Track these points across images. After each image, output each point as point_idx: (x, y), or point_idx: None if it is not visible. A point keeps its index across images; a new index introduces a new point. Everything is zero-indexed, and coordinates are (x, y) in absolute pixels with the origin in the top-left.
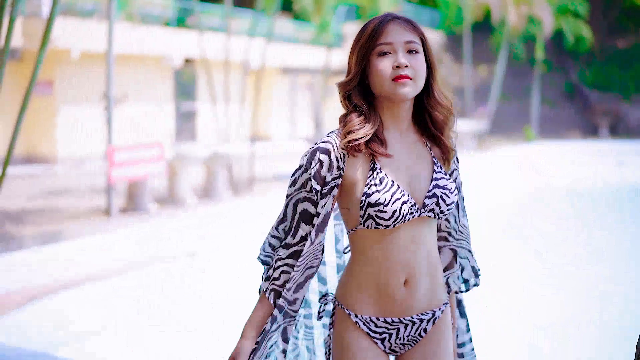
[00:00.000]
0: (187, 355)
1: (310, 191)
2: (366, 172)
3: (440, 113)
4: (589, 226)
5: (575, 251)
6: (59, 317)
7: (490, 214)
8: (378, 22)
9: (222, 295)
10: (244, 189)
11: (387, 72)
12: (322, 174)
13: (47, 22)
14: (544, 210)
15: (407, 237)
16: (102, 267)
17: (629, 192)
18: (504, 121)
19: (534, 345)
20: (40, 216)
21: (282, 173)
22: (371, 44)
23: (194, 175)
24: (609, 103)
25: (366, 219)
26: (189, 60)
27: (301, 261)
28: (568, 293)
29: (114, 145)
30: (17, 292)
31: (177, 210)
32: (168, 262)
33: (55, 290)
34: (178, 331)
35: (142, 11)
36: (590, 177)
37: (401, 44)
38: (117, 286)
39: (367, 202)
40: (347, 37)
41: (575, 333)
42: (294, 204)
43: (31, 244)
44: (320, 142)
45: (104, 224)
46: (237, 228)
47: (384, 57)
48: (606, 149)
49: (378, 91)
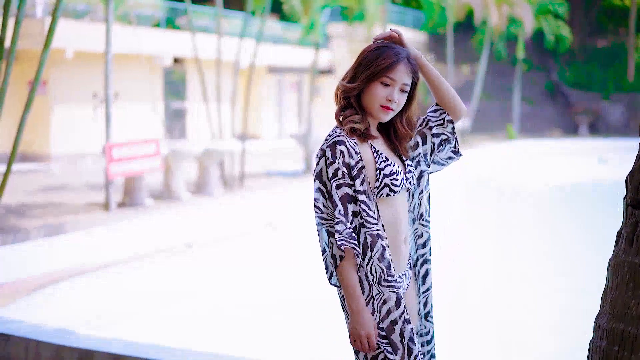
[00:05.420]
0: (185, 341)
1: (342, 177)
2: (372, 154)
3: (402, 130)
4: (568, 221)
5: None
6: (66, 304)
7: (471, 208)
8: (395, 59)
9: (220, 283)
10: (235, 185)
11: (380, 99)
12: (347, 160)
13: (50, 23)
14: (526, 207)
15: (402, 204)
16: (104, 257)
17: (611, 187)
18: (486, 119)
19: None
20: (42, 210)
21: (271, 169)
22: (381, 72)
23: (188, 171)
24: (589, 102)
25: (382, 188)
26: (178, 60)
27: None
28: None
29: (112, 142)
30: (26, 280)
31: (173, 205)
32: (167, 253)
33: (61, 279)
34: (177, 318)
35: (133, 12)
36: (573, 174)
37: (400, 84)
38: (120, 275)
39: (383, 173)
40: (333, 38)
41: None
42: (336, 192)
43: (36, 236)
44: (334, 137)
45: (104, 218)
46: (230, 221)
47: (384, 87)
48: (587, 147)
49: (366, 104)
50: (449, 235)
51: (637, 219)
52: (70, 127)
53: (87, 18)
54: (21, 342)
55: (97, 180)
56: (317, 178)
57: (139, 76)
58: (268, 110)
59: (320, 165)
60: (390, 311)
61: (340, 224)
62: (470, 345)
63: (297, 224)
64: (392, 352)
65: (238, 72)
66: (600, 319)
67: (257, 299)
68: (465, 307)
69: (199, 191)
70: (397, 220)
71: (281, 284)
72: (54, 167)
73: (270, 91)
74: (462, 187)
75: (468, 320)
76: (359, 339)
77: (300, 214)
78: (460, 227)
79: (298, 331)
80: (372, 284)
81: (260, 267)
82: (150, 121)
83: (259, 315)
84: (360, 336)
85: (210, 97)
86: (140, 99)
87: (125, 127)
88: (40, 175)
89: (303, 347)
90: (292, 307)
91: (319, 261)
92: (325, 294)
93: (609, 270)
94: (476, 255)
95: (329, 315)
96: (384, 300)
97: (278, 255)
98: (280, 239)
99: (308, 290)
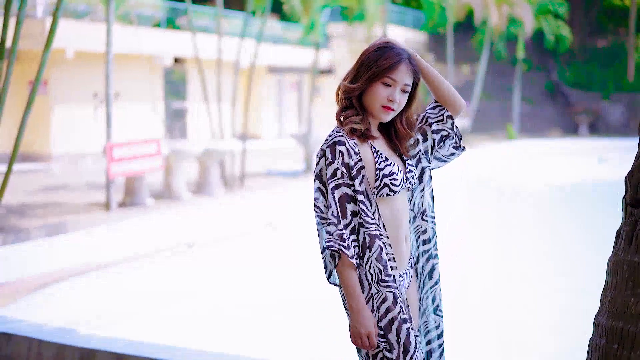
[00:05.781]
0: (185, 341)
1: (341, 177)
2: (371, 154)
3: (402, 130)
4: (568, 221)
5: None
6: (66, 304)
7: (471, 208)
8: (396, 60)
9: (220, 283)
10: (236, 185)
11: (382, 99)
12: (346, 160)
13: (51, 24)
14: (526, 207)
15: (403, 203)
16: (105, 257)
17: (611, 187)
18: (486, 119)
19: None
20: (42, 210)
21: (271, 169)
22: (382, 73)
23: (188, 170)
24: (589, 102)
25: (381, 188)
26: (178, 60)
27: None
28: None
29: (113, 142)
30: (26, 280)
31: (173, 204)
32: (168, 253)
33: (61, 279)
34: (177, 318)
35: (134, 12)
36: (573, 174)
37: (401, 84)
38: (120, 275)
39: (382, 174)
40: (333, 38)
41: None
42: (332, 192)
43: (37, 236)
44: (334, 138)
45: (104, 217)
46: (230, 221)
47: (386, 88)
48: (587, 147)
49: (367, 104)
50: (448, 235)
51: (636, 218)
52: (70, 127)
53: (88, 18)
54: (23, 341)
55: (97, 180)
56: (317, 178)
57: (139, 76)
58: (268, 110)
59: (320, 165)
60: (389, 310)
61: (331, 226)
62: (470, 345)
63: (297, 224)
64: (389, 350)
65: (238, 72)
66: (599, 317)
67: (257, 299)
68: (465, 307)
69: (199, 191)
70: (398, 219)
71: (281, 284)
72: (54, 167)
73: (271, 91)
74: (462, 187)
75: (468, 320)
76: (360, 337)
77: (300, 214)
78: (460, 227)
79: (298, 331)
80: (371, 283)
81: (260, 267)
82: (151, 121)
83: (259, 315)
84: (360, 334)
85: (210, 97)
86: (141, 99)
87: (125, 127)
88: (40, 175)
89: (303, 347)
90: (292, 307)
91: (319, 261)
92: (325, 294)
93: (608, 268)
94: (476, 255)
95: (329, 315)
96: (383, 299)
97: (278, 255)
98: (280, 239)
99: (308, 290)
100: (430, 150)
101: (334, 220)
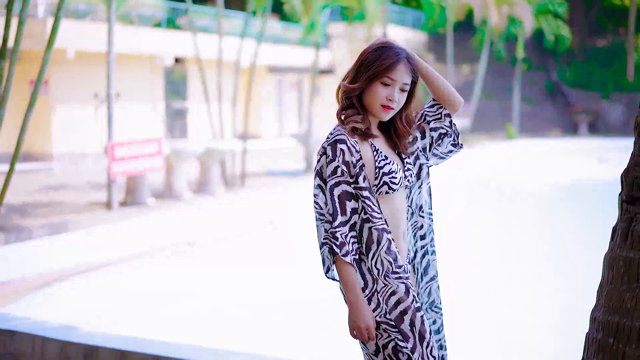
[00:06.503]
0: (188, 338)
1: (342, 175)
2: (371, 152)
3: (402, 128)
4: (568, 221)
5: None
6: (66, 304)
7: (471, 208)
8: (395, 60)
9: (220, 282)
10: (236, 184)
11: (381, 98)
12: (347, 158)
13: (53, 24)
14: (526, 207)
15: (401, 201)
16: (106, 256)
17: (611, 186)
18: (486, 119)
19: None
20: (44, 210)
21: (272, 169)
22: (381, 72)
23: (188, 170)
24: (589, 101)
25: (381, 186)
26: (179, 60)
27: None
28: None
29: (114, 142)
30: (27, 279)
31: (174, 204)
32: (169, 252)
33: (62, 278)
34: (177, 317)
35: (134, 12)
36: (573, 174)
37: (400, 84)
38: (121, 274)
39: (382, 172)
40: (333, 38)
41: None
42: (331, 190)
43: (38, 235)
44: (335, 136)
45: (106, 217)
46: (231, 220)
47: (385, 87)
48: (586, 147)
49: (367, 104)
50: (448, 235)
51: (631, 215)
52: (71, 127)
53: (89, 18)
54: (27, 338)
55: (98, 180)
56: (317, 175)
57: (140, 76)
58: (268, 110)
59: (321, 162)
60: (400, 301)
61: (327, 223)
62: (470, 345)
63: (298, 224)
64: (403, 340)
65: (239, 71)
66: (596, 311)
67: (257, 298)
68: (465, 307)
69: (200, 190)
70: (396, 216)
71: (281, 283)
72: (55, 167)
73: (271, 91)
74: (462, 187)
75: (468, 320)
76: (359, 330)
77: (300, 214)
78: (460, 226)
79: (298, 331)
80: (377, 277)
81: (261, 266)
82: (152, 121)
83: (259, 315)
84: (359, 328)
85: (211, 96)
86: (142, 99)
87: (126, 126)
88: (42, 174)
89: (303, 347)
90: (292, 307)
91: (319, 260)
92: (325, 294)
93: (604, 264)
94: (476, 254)
95: (329, 315)
96: (393, 291)
97: (278, 255)
98: (280, 238)
99: (308, 290)
100: (428, 148)
101: (329, 219)
